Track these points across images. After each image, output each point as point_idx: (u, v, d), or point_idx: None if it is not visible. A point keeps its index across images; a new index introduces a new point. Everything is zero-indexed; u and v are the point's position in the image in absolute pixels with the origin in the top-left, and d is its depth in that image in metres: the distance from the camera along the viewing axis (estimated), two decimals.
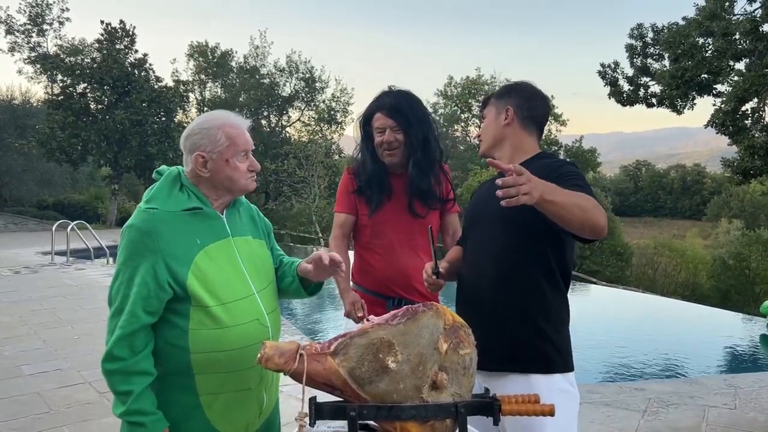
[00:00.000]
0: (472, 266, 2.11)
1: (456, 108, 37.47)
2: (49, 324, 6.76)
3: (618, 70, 20.39)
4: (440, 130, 2.94)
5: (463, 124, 37.98)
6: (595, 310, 12.81)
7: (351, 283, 2.72)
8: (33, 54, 28.57)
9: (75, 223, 12.93)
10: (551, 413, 1.56)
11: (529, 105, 2.11)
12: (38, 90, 34.55)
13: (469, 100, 36.84)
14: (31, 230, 21.99)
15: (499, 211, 1.76)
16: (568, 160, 2.38)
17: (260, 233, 2.06)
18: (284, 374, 1.49)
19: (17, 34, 29.01)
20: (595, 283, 18.51)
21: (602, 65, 20.53)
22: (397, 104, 2.59)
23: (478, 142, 2.22)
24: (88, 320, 7.00)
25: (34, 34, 29.25)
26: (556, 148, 37.08)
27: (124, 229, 1.79)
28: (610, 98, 20.83)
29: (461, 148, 36.53)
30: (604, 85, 20.61)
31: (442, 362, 1.55)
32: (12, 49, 29.03)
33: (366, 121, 2.67)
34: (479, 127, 2.26)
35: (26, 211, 27.78)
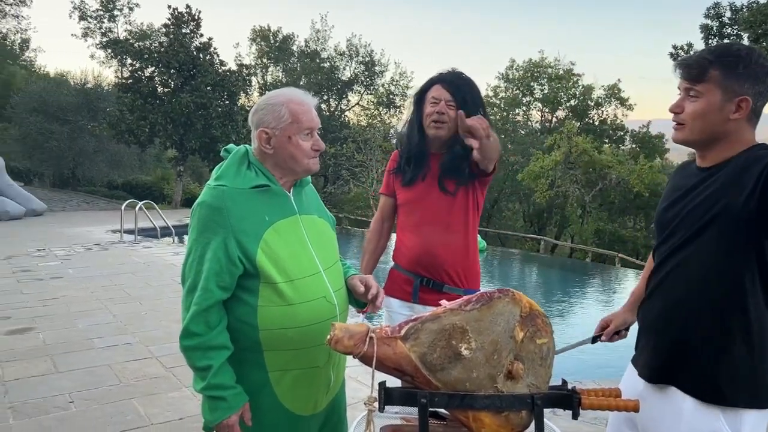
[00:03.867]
0: (672, 276, 1.72)
1: (518, 92, 36.65)
2: (118, 299, 7.02)
3: (691, 52, 19.49)
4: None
5: (524, 108, 37.14)
6: None
7: (392, 261, 2.73)
8: (104, 39, 29.60)
9: (143, 202, 13.38)
10: (635, 409, 1.47)
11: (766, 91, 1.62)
12: (109, 74, 35.89)
13: (532, 84, 35.91)
14: (102, 209, 22.94)
15: (704, 211, 1.58)
16: None
17: (325, 214, 2.05)
18: (353, 357, 1.46)
19: (90, 19, 30.13)
20: None
21: (674, 47, 19.72)
22: (457, 82, 2.54)
23: (676, 123, 1.71)
24: (155, 297, 7.23)
25: (105, 20, 30.31)
26: (621, 133, 35.83)
27: (194, 207, 1.80)
28: None
29: (522, 132, 35.71)
30: None
31: (518, 351, 1.49)
32: (85, 35, 30.20)
33: (422, 93, 2.62)
34: (541, 110, 2.02)
35: (97, 191, 29.01)
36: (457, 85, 2.52)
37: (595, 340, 2.06)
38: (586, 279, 15.53)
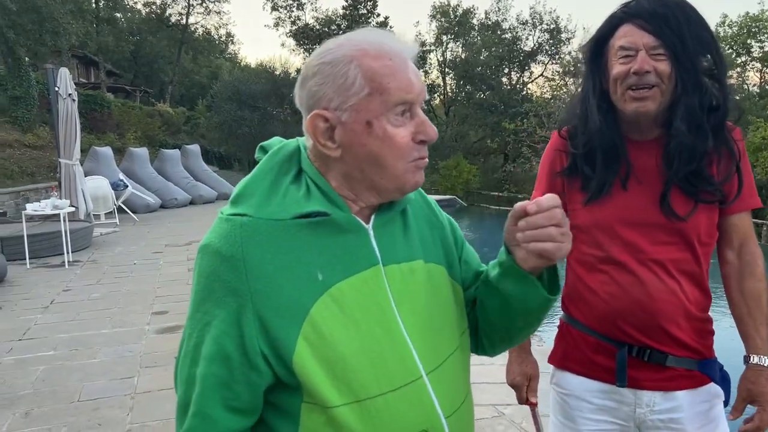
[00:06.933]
0: None
1: (731, 51, 31.94)
2: None
3: None
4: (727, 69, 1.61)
5: (739, 69, 32.25)
6: None
7: (563, 314, 1.70)
8: (293, 27, 31.08)
9: None
10: None
11: None
12: (296, 61, 37.73)
13: (749, 41, 31.09)
14: None
15: None
16: None
17: (439, 251, 1.08)
18: None
19: (281, 9, 31.88)
20: None
21: None
22: (664, 12, 1.40)
23: None
24: None
25: (294, 9, 31.86)
26: None
27: (198, 251, 0.97)
28: None
29: (737, 98, 31.13)
30: None
31: None
32: (276, 25, 32.12)
33: (599, 44, 1.52)
34: (760, 71, 0.94)
35: None
36: (665, 18, 1.40)
37: None
38: None
